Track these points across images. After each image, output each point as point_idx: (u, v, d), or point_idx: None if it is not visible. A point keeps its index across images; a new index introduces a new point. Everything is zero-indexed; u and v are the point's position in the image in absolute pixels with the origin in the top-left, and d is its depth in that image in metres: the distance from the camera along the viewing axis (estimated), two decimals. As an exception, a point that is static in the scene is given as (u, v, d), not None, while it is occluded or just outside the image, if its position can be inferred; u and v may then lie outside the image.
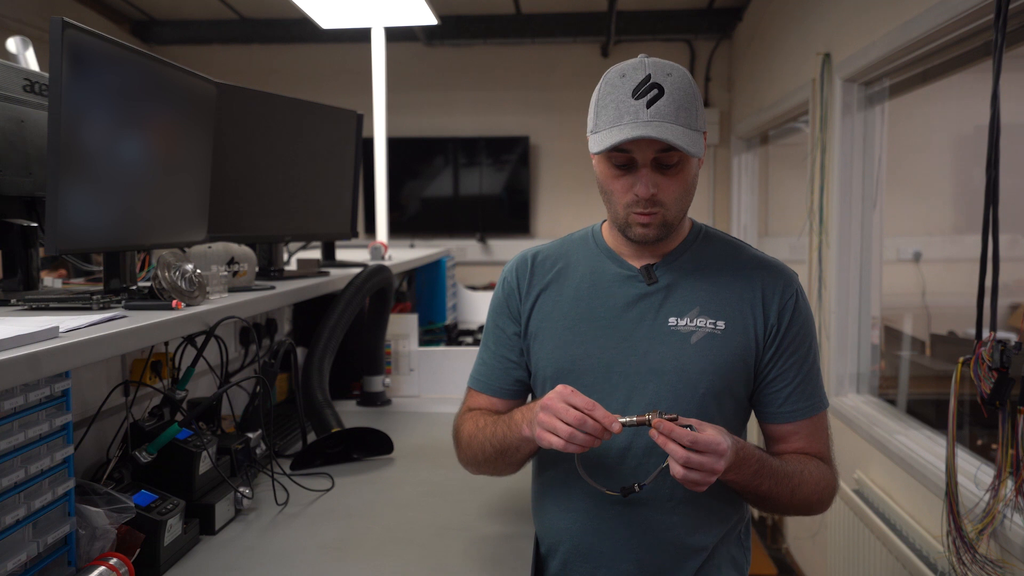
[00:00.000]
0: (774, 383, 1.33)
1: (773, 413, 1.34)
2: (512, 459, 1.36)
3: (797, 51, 3.76)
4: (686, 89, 1.23)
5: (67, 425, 1.12)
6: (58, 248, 1.26)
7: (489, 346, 1.45)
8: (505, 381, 1.43)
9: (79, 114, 1.27)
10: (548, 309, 1.38)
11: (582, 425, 1.14)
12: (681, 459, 1.12)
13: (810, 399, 1.34)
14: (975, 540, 1.78)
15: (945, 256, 3.41)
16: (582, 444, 1.15)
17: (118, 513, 1.19)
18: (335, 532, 1.46)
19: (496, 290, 1.46)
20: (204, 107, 1.71)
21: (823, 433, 1.36)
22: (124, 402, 1.53)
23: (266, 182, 2.03)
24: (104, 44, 1.33)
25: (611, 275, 1.36)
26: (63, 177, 1.24)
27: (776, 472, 1.26)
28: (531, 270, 1.41)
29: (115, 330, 1.18)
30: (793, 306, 1.32)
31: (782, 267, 1.37)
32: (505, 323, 1.43)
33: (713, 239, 1.39)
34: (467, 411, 1.46)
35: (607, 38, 5.19)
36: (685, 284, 1.33)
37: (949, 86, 2.56)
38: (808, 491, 1.30)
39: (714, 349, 1.29)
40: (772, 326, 1.31)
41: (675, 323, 1.30)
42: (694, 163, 1.28)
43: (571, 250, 1.42)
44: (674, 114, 1.20)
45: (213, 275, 1.59)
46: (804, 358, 1.33)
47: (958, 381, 1.75)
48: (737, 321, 1.30)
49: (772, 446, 1.37)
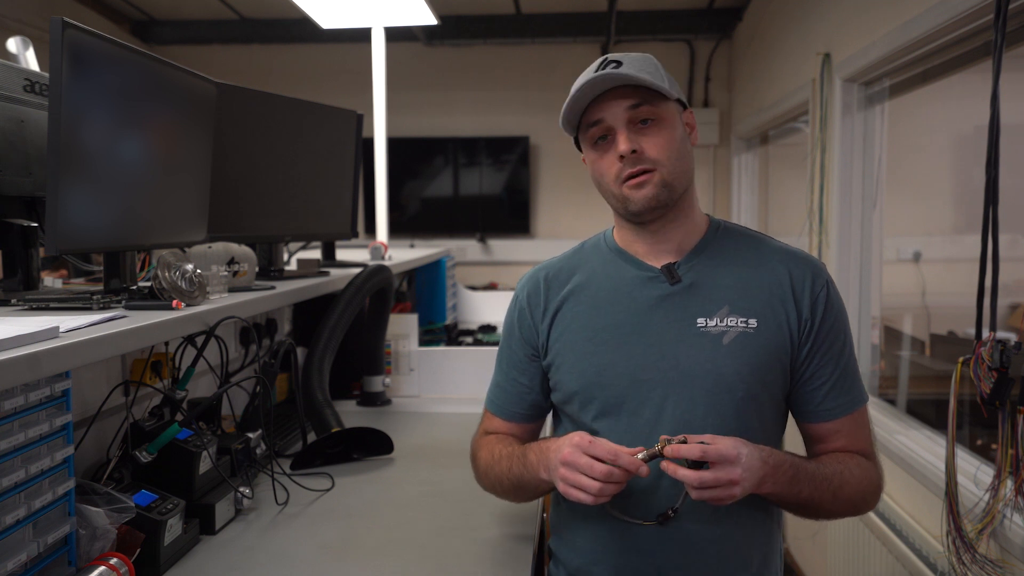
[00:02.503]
0: (812, 380, 1.27)
1: (812, 411, 1.28)
2: (530, 494, 1.34)
3: (797, 51, 3.76)
4: (647, 60, 1.25)
5: (67, 425, 1.12)
6: (58, 248, 1.25)
7: (503, 368, 1.41)
8: (520, 405, 1.39)
9: (79, 114, 1.27)
10: (567, 323, 1.31)
11: (609, 477, 1.10)
12: (694, 483, 1.09)
13: (849, 393, 1.28)
14: (975, 540, 1.77)
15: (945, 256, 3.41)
16: (612, 494, 1.12)
17: (118, 513, 1.19)
18: (335, 532, 1.46)
19: (508, 311, 1.41)
20: (204, 107, 1.71)
21: (865, 428, 1.30)
22: (124, 402, 1.52)
23: (266, 182, 2.03)
24: (104, 44, 1.33)
25: (630, 278, 1.30)
26: (63, 177, 1.24)
27: (814, 476, 1.20)
28: (544, 288, 1.36)
29: (115, 330, 1.17)
30: (826, 298, 1.26)
31: (809, 257, 1.31)
32: (517, 346, 1.38)
33: (733, 233, 1.33)
34: (484, 434, 1.43)
35: (607, 38, 5.19)
36: (710, 282, 1.26)
37: (949, 86, 2.56)
38: (851, 491, 1.24)
39: (748, 349, 1.22)
40: (806, 320, 1.25)
41: (704, 324, 1.24)
42: (677, 126, 1.25)
43: (583, 259, 1.37)
44: (636, 72, 1.21)
45: (213, 275, 1.59)
46: (841, 351, 1.27)
47: (958, 381, 1.75)
48: (769, 318, 1.24)
49: (813, 446, 1.32)
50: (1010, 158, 1.73)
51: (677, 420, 1.23)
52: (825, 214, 3.23)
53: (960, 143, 3.17)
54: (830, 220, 3.16)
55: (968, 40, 2.21)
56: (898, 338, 3.32)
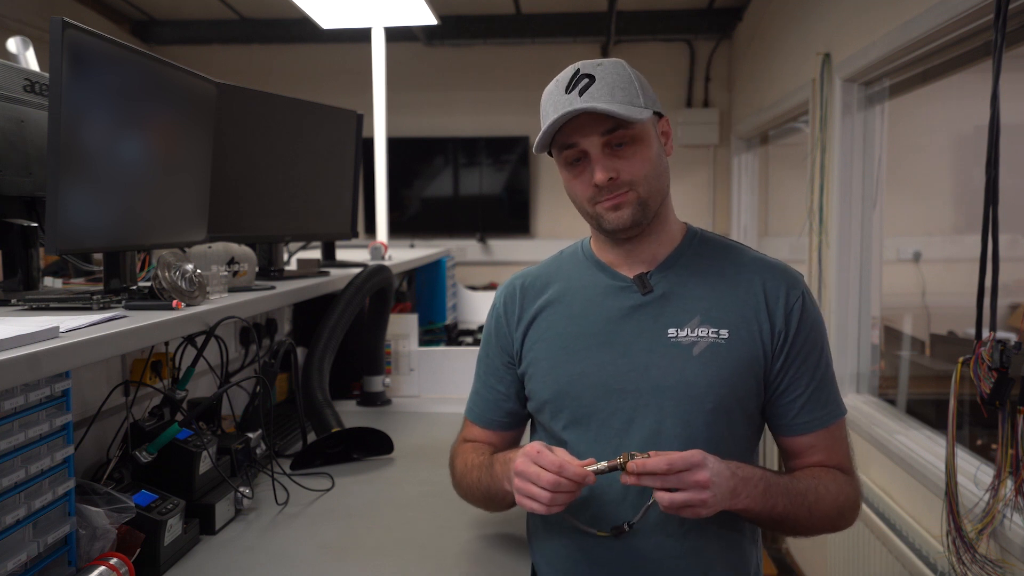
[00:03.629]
0: (787, 393, 1.25)
1: (788, 425, 1.27)
2: (500, 504, 1.34)
3: (797, 51, 3.76)
4: (619, 73, 1.21)
5: (67, 425, 1.12)
6: (58, 248, 1.26)
7: (480, 376, 1.42)
8: (496, 413, 1.39)
9: (79, 114, 1.27)
10: (542, 331, 1.32)
11: (557, 487, 1.10)
12: (660, 487, 1.08)
13: (826, 407, 1.26)
14: (975, 540, 1.77)
15: (945, 256, 3.41)
16: (564, 504, 1.12)
17: (118, 513, 1.19)
18: (335, 532, 1.46)
19: (487, 319, 1.42)
20: (204, 107, 1.71)
21: (842, 443, 1.29)
22: (124, 402, 1.53)
23: (266, 182, 2.03)
24: (104, 44, 1.33)
25: (603, 287, 1.30)
26: (63, 177, 1.24)
27: (788, 490, 1.19)
28: (520, 296, 1.36)
29: (115, 330, 1.17)
30: (801, 309, 1.25)
31: (785, 268, 1.30)
32: (494, 353, 1.38)
33: (709, 242, 1.32)
34: (462, 442, 1.44)
35: (607, 38, 5.19)
36: (683, 292, 1.26)
37: (949, 86, 2.56)
38: (827, 507, 1.22)
39: (718, 360, 1.22)
40: (780, 332, 1.24)
41: (675, 334, 1.23)
42: (653, 142, 1.23)
43: (560, 268, 1.37)
44: (608, 94, 1.18)
45: (213, 275, 1.59)
46: (816, 364, 1.26)
47: (958, 381, 1.75)
48: (742, 329, 1.23)
49: (790, 461, 1.30)
50: (1010, 158, 1.73)
51: (647, 430, 1.22)
52: (825, 214, 3.23)
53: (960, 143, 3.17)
54: (830, 220, 3.16)
55: (968, 40, 2.21)
56: (898, 338, 3.32)
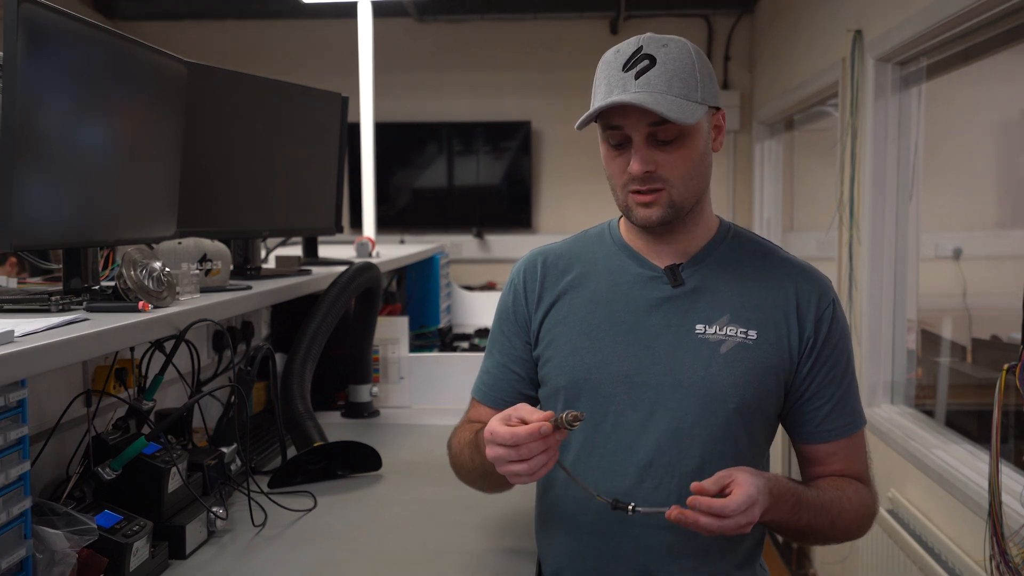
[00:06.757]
0: (812, 400, 1.33)
1: (811, 432, 1.34)
2: (496, 482, 1.35)
3: (825, 28, 3.77)
4: (683, 59, 1.24)
5: (23, 439, 1.12)
6: (12, 244, 1.26)
7: (493, 354, 1.45)
8: (507, 393, 1.42)
9: (36, 97, 1.27)
10: (562, 315, 1.37)
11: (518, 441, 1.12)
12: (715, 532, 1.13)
13: (850, 416, 1.34)
14: (1021, 565, 1.78)
15: (988, 253, 3.41)
16: (545, 464, 1.15)
17: (79, 535, 1.19)
18: (317, 556, 1.46)
19: (503, 294, 1.46)
20: (174, 89, 1.71)
21: (862, 452, 1.37)
22: (86, 413, 1.53)
23: (242, 172, 2.03)
24: (64, 20, 1.33)
25: (632, 275, 1.35)
26: (18, 166, 1.24)
27: (814, 503, 1.26)
28: (541, 273, 1.41)
29: (76, 334, 1.18)
30: (831, 316, 1.32)
31: (817, 273, 1.37)
32: (510, 331, 1.42)
33: (742, 239, 1.39)
34: (466, 423, 1.46)
35: (616, 13, 5.20)
36: (714, 288, 1.32)
37: (993, 66, 2.56)
38: (849, 519, 1.31)
39: (745, 361, 1.28)
40: (808, 338, 1.31)
41: (703, 331, 1.29)
42: (700, 139, 1.27)
43: (586, 248, 1.42)
44: (666, 84, 1.21)
45: (183, 274, 1.59)
46: (844, 372, 1.33)
47: (1002, 390, 1.75)
48: (770, 331, 1.30)
49: (809, 468, 1.38)
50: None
51: (664, 427, 1.28)
52: (856, 207, 3.24)
53: (1005, 128, 3.17)
54: (862, 213, 3.17)
55: (1014, 15, 2.22)
56: (936, 343, 3.32)
